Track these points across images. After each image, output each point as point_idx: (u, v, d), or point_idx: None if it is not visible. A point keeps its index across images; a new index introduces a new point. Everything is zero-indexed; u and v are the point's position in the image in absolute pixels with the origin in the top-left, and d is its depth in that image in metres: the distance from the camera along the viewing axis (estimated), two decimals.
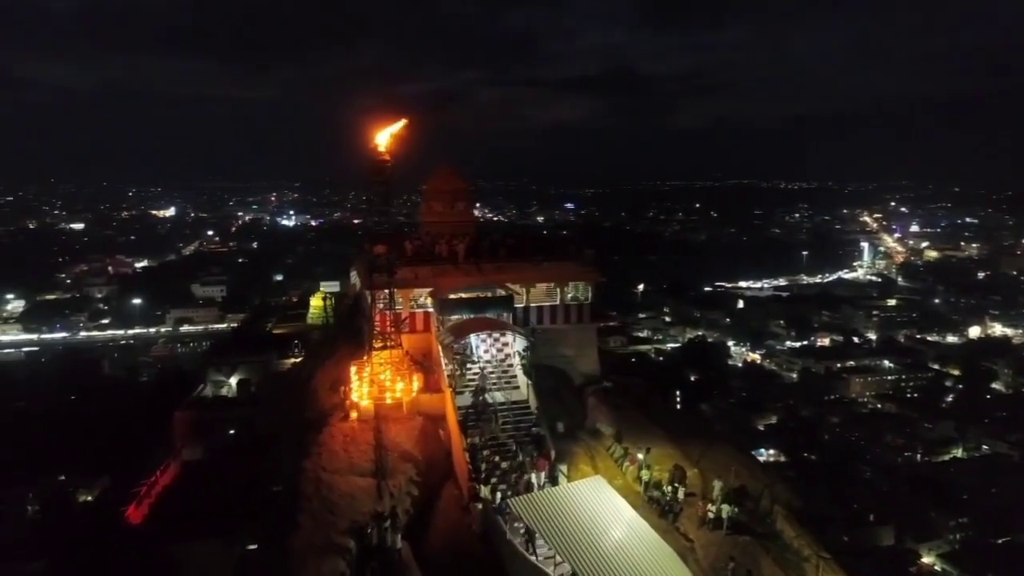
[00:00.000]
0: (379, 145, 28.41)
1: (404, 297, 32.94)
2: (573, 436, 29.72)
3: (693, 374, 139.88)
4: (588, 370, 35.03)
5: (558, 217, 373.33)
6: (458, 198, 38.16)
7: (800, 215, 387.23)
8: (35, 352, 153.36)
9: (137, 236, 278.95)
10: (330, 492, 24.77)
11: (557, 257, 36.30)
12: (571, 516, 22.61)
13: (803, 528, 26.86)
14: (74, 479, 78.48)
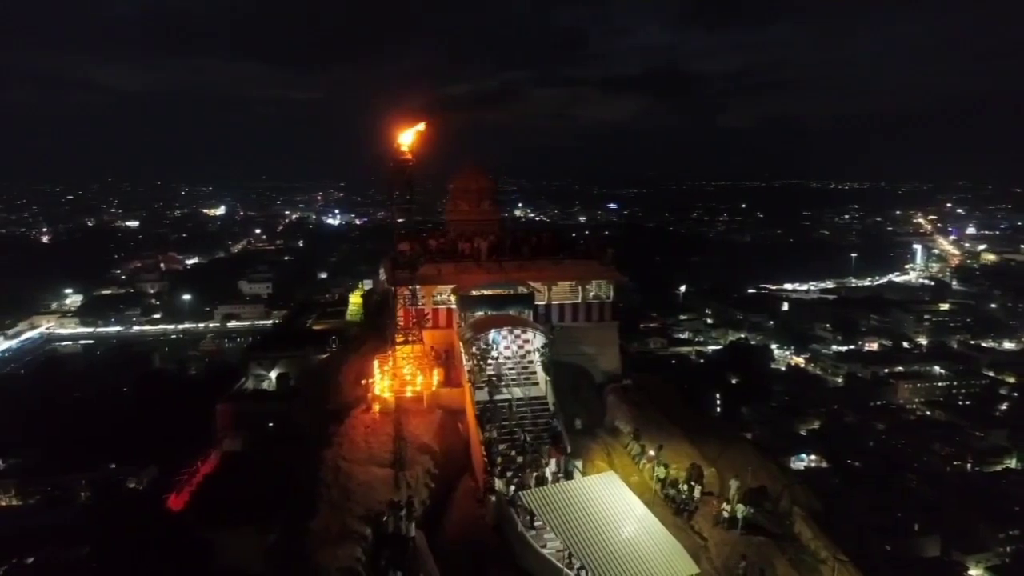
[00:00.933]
0: (402, 145, 29.18)
1: (427, 293, 33.64)
2: (591, 433, 29.99)
3: (734, 377, 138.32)
4: (609, 368, 35.19)
5: (600, 217, 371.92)
6: (484, 197, 38.72)
7: (850, 216, 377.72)
8: (91, 345, 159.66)
9: (188, 234, 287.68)
10: (349, 481, 25.57)
11: (579, 256, 36.56)
12: (582, 510, 22.90)
13: (821, 530, 26.58)
14: (124, 468, 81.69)
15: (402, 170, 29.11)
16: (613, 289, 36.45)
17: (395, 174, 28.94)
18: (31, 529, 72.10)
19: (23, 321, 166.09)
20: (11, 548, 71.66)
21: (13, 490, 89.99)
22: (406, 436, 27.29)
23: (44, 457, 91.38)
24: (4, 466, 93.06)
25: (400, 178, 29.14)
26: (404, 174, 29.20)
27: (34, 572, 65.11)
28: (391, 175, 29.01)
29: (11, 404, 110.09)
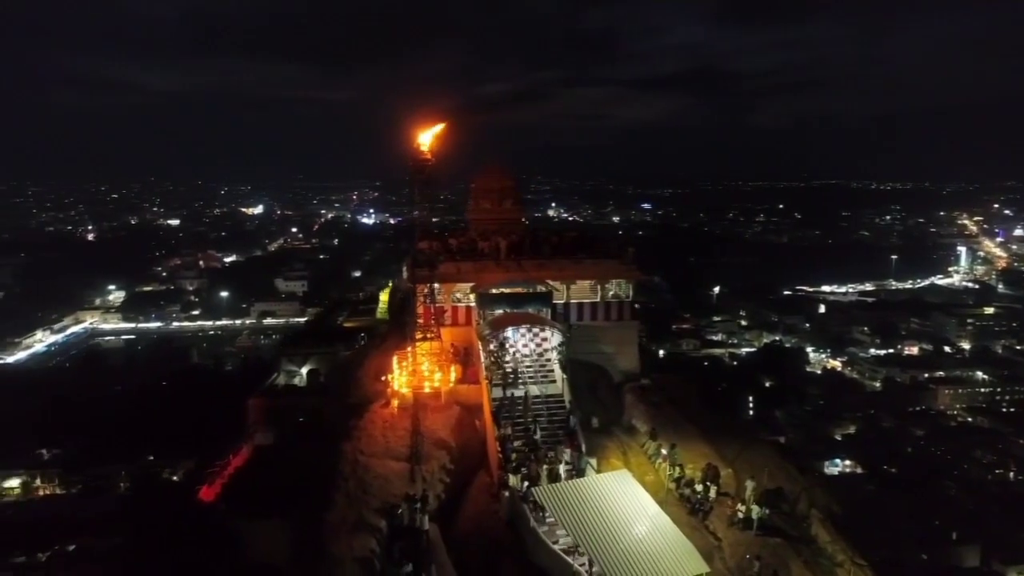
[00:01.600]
0: (421, 144, 29.63)
1: (447, 291, 34.05)
2: (607, 431, 30.05)
3: (768, 380, 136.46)
4: (628, 367, 35.17)
5: (634, 217, 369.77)
6: (505, 196, 38.96)
7: (892, 217, 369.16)
8: (132, 340, 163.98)
9: (227, 232, 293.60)
10: (366, 473, 26.08)
11: (598, 255, 36.58)
12: (593, 507, 23.02)
13: (839, 533, 26.29)
14: (162, 460, 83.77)
15: (422, 170, 29.59)
16: (632, 288, 36.40)
17: (415, 174, 29.41)
18: (72, 517, 74.72)
19: (68, 316, 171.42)
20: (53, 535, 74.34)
21: (56, 479, 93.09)
22: (423, 431, 27.70)
23: (86, 448, 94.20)
24: (48, 456, 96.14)
25: (420, 178, 29.62)
26: (424, 174, 29.67)
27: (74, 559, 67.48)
28: (411, 175, 29.49)
29: (56, 396, 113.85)
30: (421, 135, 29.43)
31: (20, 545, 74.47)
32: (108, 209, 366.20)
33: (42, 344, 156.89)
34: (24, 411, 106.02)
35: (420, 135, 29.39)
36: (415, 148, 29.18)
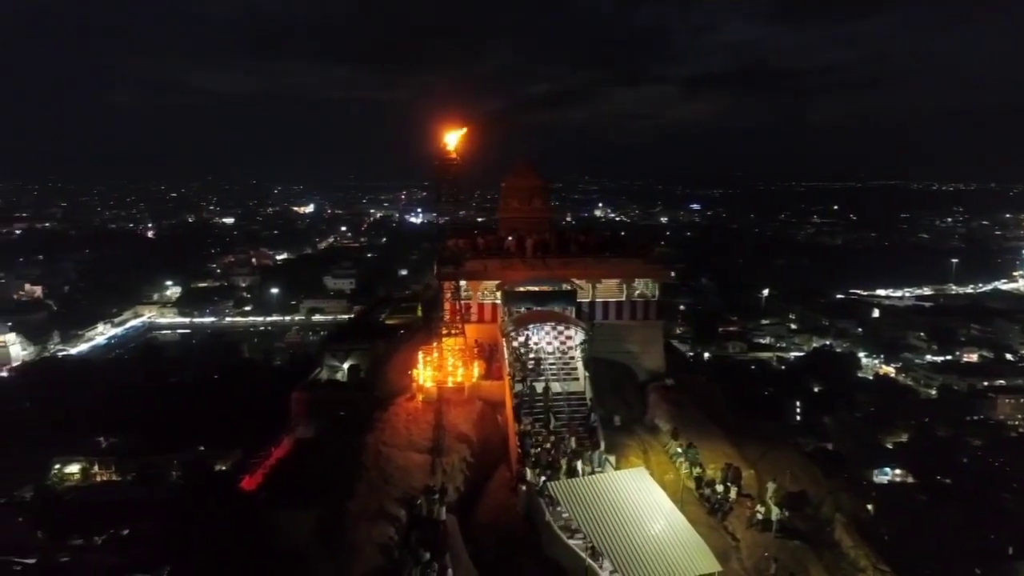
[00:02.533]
0: (447, 145, 30.25)
1: (474, 288, 34.63)
2: (629, 430, 30.15)
3: (816, 384, 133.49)
4: (653, 367, 35.13)
5: (682, 218, 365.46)
6: (534, 195, 39.27)
7: (953, 219, 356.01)
8: (187, 334, 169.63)
9: (279, 230, 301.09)
10: (387, 464, 26.81)
11: (624, 253, 36.62)
12: (607, 503, 23.23)
13: (864, 539, 25.90)
14: (212, 450, 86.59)
15: (447, 169, 30.21)
16: (658, 287, 36.34)
17: (441, 174, 30.04)
18: (126, 503, 77.98)
19: (128, 310, 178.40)
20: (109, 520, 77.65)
21: (113, 466, 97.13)
22: (445, 425, 28.30)
23: (141, 437, 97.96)
24: (105, 444, 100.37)
25: (446, 177, 30.23)
26: (449, 173, 30.28)
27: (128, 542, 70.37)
28: (437, 175, 30.15)
29: (114, 386, 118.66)
30: (447, 136, 30.10)
31: (78, 528, 78.24)
32: (167, 207, 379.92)
33: (103, 337, 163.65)
34: (85, 400, 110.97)
35: (446, 136, 30.06)
36: (441, 149, 29.86)
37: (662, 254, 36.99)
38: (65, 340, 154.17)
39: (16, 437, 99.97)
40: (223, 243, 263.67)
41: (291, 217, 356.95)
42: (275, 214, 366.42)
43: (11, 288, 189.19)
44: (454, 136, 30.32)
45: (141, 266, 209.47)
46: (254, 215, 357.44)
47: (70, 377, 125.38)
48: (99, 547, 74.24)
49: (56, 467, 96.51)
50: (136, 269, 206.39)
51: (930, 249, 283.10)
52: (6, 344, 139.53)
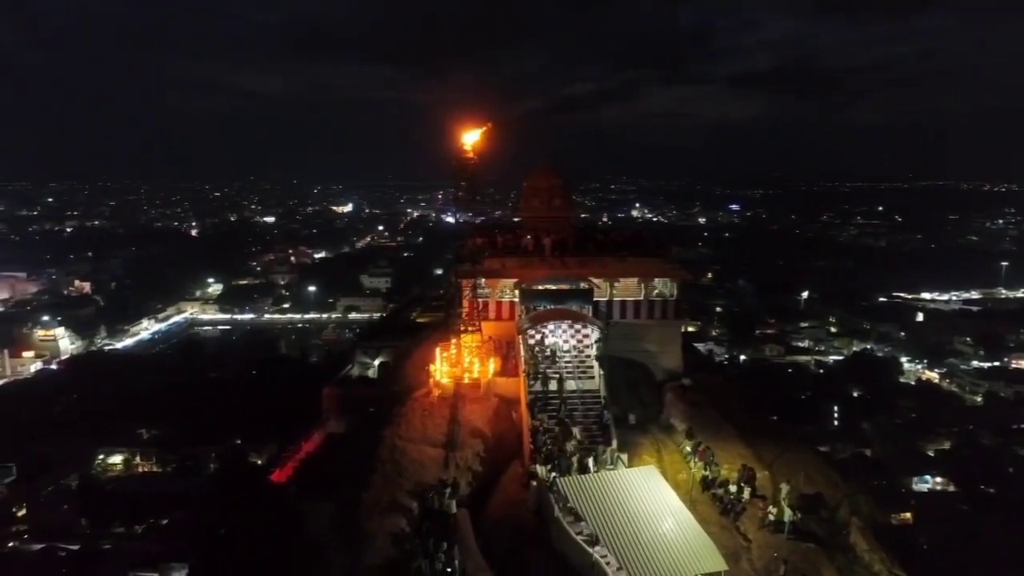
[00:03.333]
0: (465, 144, 30.72)
1: (492, 286, 35.08)
2: (643, 428, 30.23)
3: (856, 389, 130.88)
4: (671, 366, 35.09)
5: (721, 219, 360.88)
6: (555, 195, 39.53)
7: (1004, 221, 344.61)
8: (228, 330, 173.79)
9: (318, 229, 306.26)
10: (402, 457, 27.38)
11: (642, 253, 36.65)
12: (616, 500, 23.41)
13: (879, 543, 25.58)
14: (249, 443, 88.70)
15: (464, 168, 30.68)
16: (677, 287, 36.27)
17: (458, 172, 30.52)
18: (166, 494, 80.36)
19: (171, 306, 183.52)
20: (149, 509, 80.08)
21: (153, 458, 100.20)
22: (460, 420, 28.76)
23: (181, 430, 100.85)
24: (147, 436, 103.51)
25: (463, 176, 30.70)
26: (467, 172, 30.75)
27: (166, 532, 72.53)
28: (455, 173, 30.64)
29: (157, 380, 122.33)
30: (465, 135, 30.57)
31: (119, 516, 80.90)
32: (211, 206, 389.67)
33: (147, 332, 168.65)
34: (128, 393, 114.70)
35: (464, 135, 30.53)
36: (459, 148, 30.36)
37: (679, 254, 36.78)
38: (111, 335, 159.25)
39: (63, 427, 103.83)
40: (263, 241, 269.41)
41: (330, 216, 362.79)
42: (314, 213, 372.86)
43: (61, 284, 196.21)
44: (472, 135, 30.78)
45: (184, 263, 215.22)
46: (294, 214, 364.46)
47: (115, 371, 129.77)
48: (139, 536, 76.86)
49: (100, 457, 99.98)
50: (180, 266, 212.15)
51: (979, 251, 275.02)
52: (56, 338, 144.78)
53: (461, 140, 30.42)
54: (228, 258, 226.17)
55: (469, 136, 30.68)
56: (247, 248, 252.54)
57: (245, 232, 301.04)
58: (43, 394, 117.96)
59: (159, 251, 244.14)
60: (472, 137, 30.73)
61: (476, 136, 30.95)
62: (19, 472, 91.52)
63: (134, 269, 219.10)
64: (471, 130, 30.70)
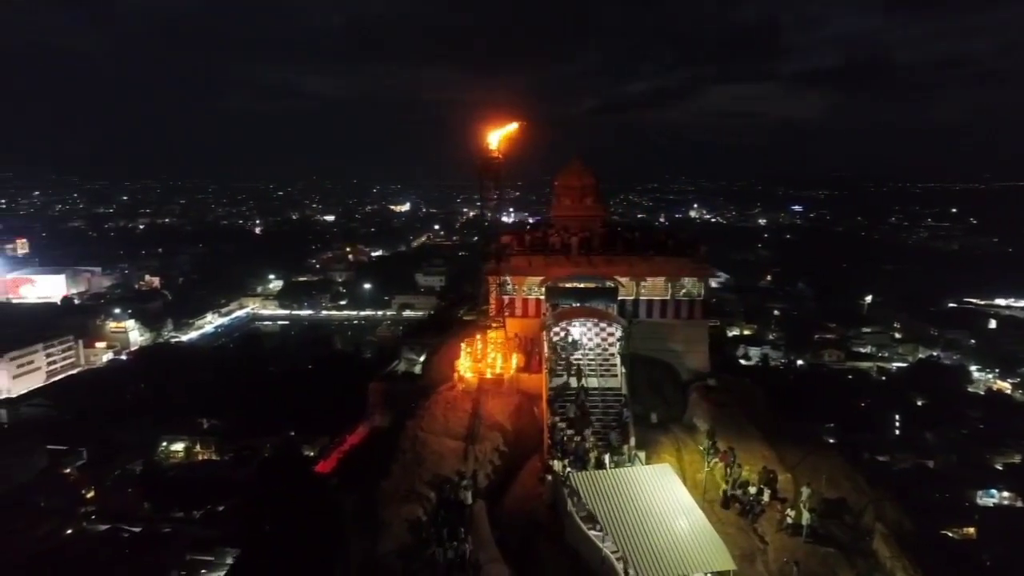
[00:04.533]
0: (490, 144, 31.22)
1: (519, 284, 35.52)
2: (665, 427, 30.15)
3: (920, 398, 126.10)
4: (697, 366, 34.80)
5: (782, 220, 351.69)
6: (586, 193, 39.59)
7: None
8: (287, 325, 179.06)
9: (376, 228, 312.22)
10: (423, 449, 28.09)
11: (669, 252, 36.44)
12: (627, 496, 23.54)
13: (903, 551, 24.97)
14: (302, 435, 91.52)
15: (489, 167, 31.17)
16: (704, 287, 35.95)
17: (483, 171, 31.04)
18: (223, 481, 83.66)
19: (234, 302, 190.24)
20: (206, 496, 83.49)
21: (213, 447, 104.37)
22: (482, 414, 29.30)
23: (239, 420, 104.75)
24: (207, 426, 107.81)
25: (489, 175, 31.20)
26: (492, 171, 31.23)
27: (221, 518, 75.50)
28: (479, 172, 31.17)
29: (219, 373, 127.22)
30: (491, 134, 31.07)
31: (179, 501, 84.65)
32: (274, 205, 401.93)
33: (211, 326, 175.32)
34: (191, 384, 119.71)
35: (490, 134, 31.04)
36: (484, 147, 30.88)
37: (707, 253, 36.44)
38: (177, 328, 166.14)
39: (130, 415, 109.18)
40: (323, 239, 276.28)
41: (387, 215, 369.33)
42: (373, 212, 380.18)
43: (133, 278, 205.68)
44: (498, 134, 31.28)
45: (248, 260, 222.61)
46: (353, 213, 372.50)
47: (179, 362, 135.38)
48: (197, 521, 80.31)
49: (163, 444, 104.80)
50: (243, 263, 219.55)
51: None
52: (126, 330, 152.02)
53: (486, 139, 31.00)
54: (289, 255, 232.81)
55: (494, 135, 31.21)
56: (307, 246, 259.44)
57: (306, 230, 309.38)
58: (113, 383, 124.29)
59: (224, 248, 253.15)
60: (497, 136, 31.27)
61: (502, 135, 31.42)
62: (89, 456, 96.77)
63: (200, 265, 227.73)
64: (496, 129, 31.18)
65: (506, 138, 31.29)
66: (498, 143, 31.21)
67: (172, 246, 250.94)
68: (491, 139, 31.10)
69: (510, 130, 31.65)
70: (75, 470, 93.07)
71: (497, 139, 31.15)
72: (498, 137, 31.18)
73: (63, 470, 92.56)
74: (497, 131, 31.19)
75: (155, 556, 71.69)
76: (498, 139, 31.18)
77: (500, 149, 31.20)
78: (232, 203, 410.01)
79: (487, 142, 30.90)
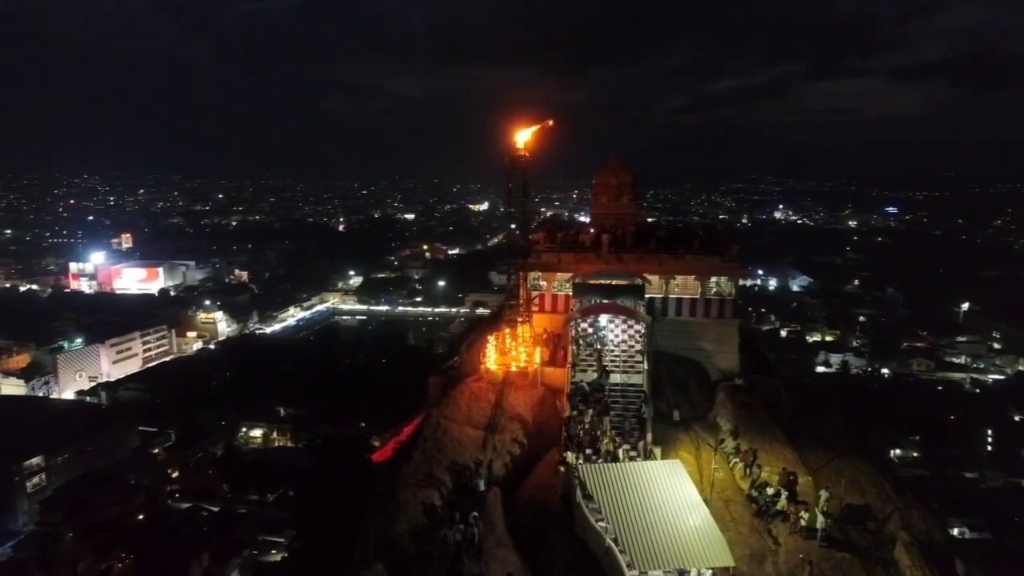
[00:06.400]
0: (518, 142, 31.86)
1: (548, 279, 36.10)
2: (687, 426, 30.03)
3: (1018, 413, 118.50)
4: (726, 366, 34.28)
5: (875, 222, 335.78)
6: (623, 192, 39.53)
7: None
8: (364, 320, 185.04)
9: (454, 227, 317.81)
10: (444, 436, 29.11)
11: (700, 251, 36.05)
12: (632, 490, 23.75)
13: (925, 561, 24.17)
14: (372, 426, 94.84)
15: (516, 165, 31.84)
16: (735, 286, 35.39)
17: (510, 170, 31.74)
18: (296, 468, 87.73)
19: (316, 296, 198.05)
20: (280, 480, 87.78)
21: (288, 434, 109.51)
22: (504, 405, 30.07)
23: (315, 410, 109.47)
24: (284, 414, 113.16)
25: (515, 174, 31.87)
26: (519, 169, 31.89)
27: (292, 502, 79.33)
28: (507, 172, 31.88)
29: (298, 364, 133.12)
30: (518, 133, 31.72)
31: (255, 485, 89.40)
32: (357, 203, 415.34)
33: (293, 319, 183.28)
34: (272, 374, 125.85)
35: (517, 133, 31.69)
36: (511, 146, 31.57)
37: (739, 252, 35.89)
38: (262, 320, 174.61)
39: (215, 401, 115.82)
40: (402, 237, 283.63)
41: (466, 214, 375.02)
42: (452, 211, 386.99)
43: (224, 272, 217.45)
44: (525, 133, 31.90)
45: (330, 256, 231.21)
46: (433, 212, 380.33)
47: (262, 353, 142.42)
48: (270, 503, 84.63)
49: (243, 430, 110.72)
50: (327, 258, 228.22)
51: None
52: (215, 321, 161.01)
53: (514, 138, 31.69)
54: (369, 252, 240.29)
55: (522, 135, 31.86)
56: (387, 243, 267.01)
57: (386, 228, 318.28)
58: (201, 371, 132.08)
59: (309, 244, 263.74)
60: (525, 136, 31.92)
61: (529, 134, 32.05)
62: (177, 438, 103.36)
63: (286, 260, 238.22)
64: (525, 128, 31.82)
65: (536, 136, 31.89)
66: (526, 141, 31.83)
67: (261, 242, 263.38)
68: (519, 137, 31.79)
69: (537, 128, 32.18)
70: (163, 451, 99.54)
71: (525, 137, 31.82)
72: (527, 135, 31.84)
73: (153, 450, 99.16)
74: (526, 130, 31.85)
75: (231, 535, 76.10)
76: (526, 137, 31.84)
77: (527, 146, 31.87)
78: (318, 201, 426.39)
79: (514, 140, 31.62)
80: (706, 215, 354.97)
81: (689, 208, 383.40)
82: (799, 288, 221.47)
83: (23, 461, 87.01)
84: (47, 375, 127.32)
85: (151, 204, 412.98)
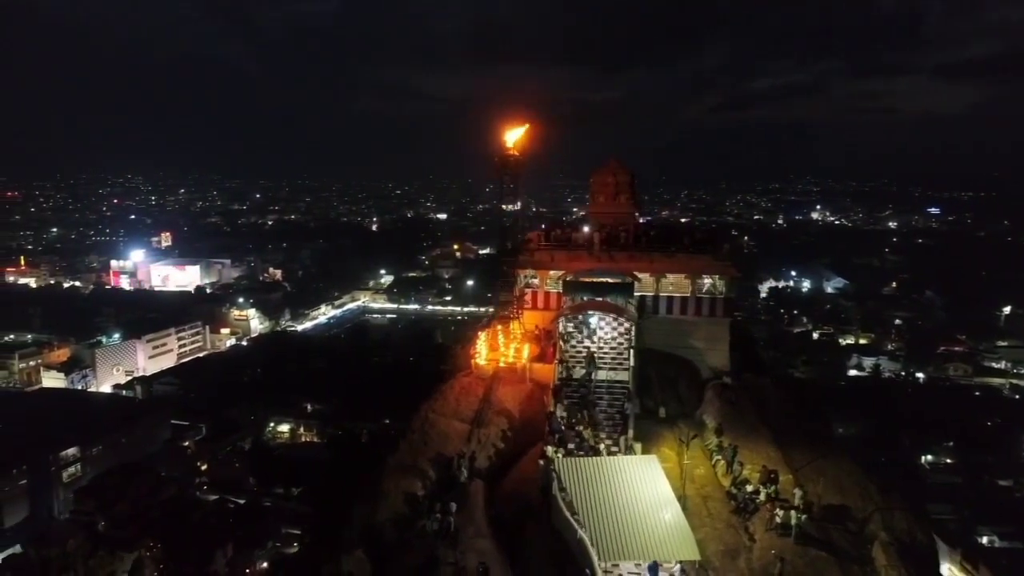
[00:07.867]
0: (508, 142, 32.41)
1: (541, 277, 36.53)
2: (672, 422, 30.22)
3: None
4: (717, 364, 34.27)
5: (916, 223, 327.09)
6: (620, 191, 39.71)
7: None
8: (394, 319, 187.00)
9: (486, 227, 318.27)
10: (431, 428, 29.83)
11: (691, 249, 36.06)
12: (605, 484, 24.23)
13: (901, 561, 24.11)
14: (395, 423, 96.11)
15: (506, 164, 32.38)
16: (727, 285, 35.33)
17: (499, 169, 32.29)
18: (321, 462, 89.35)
19: (347, 294, 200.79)
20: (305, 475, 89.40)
21: (315, 429, 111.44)
22: (492, 400, 30.65)
23: (342, 406, 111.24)
24: (311, 410, 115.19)
25: (505, 172, 32.41)
26: (509, 168, 32.42)
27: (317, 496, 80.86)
28: (498, 171, 32.44)
29: (328, 361, 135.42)
30: (508, 133, 32.28)
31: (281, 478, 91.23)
32: (391, 203, 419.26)
33: (324, 317, 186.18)
34: (302, 371, 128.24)
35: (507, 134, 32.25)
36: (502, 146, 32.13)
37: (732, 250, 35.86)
38: (294, 317, 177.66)
39: (245, 396, 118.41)
40: (434, 237, 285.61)
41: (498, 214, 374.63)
42: (484, 211, 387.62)
43: (259, 270, 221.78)
44: (515, 134, 32.43)
45: (363, 255, 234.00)
46: (465, 211, 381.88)
47: (293, 350, 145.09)
48: (295, 497, 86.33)
49: (271, 425, 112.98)
50: (359, 257, 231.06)
51: None
52: (248, 318, 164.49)
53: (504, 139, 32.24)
54: (401, 252, 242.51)
55: (511, 135, 32.41)
56: (419, 243, 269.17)
57: (419, 228, 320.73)
58: (233, 366, 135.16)
59: (343, 243, 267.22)
60: (514, 136, 32.45)
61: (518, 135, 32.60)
62: (207, 432, 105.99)
63: (319, 259, 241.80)
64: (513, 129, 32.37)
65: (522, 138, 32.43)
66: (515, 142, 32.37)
67: (296, 241, 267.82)
68: (508, 138, 32.34)
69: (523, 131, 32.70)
70: (194, 444, 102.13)
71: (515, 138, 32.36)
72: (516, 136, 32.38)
73: (184, 443, 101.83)
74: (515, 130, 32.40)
75: (256, 527, 77.91)
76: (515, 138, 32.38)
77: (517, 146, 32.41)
78: (353, 201, 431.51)
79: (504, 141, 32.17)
80: (741, 216, 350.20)
81: (724, 208, 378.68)
82: (833, 290, 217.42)
83: (60, 451, 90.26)
84: (86, 369, 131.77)
85: (191, 203, 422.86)
